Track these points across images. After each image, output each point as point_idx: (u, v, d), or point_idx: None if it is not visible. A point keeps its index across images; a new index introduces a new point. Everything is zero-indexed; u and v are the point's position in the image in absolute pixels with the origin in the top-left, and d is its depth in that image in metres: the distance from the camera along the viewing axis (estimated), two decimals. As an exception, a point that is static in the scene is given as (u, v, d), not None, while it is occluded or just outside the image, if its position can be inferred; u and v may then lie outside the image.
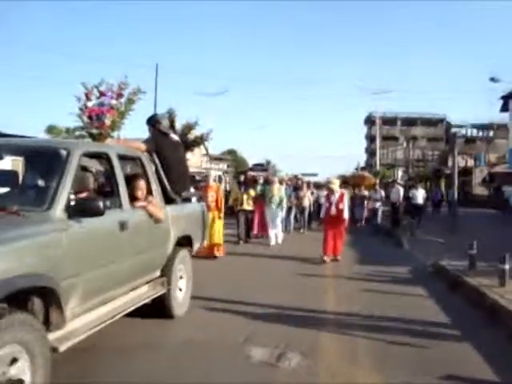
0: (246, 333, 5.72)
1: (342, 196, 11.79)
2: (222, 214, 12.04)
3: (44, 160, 4.57)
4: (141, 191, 5.48)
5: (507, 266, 7.62)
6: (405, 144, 55.93)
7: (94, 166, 5.16)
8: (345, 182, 28.43)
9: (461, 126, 59.99)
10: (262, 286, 8.50)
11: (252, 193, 15.06)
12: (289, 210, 18.65)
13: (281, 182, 16.65)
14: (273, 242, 14.51)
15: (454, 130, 64.18)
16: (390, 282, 9.13)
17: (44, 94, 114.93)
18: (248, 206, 14.62)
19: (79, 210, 4.05)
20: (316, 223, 18.64)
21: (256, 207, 15.29)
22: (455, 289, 8.47)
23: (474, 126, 57.50)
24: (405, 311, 6.89)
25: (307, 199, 18.69)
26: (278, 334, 5.73)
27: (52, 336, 3.80)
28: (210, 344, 5.38)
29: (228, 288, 8.17)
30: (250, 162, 44.18)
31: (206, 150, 11.09)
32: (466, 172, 44.72)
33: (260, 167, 30.18)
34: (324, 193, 13.93)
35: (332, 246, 11.49)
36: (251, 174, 22.12)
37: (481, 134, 62.74)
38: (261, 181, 16.85)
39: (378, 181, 26.30)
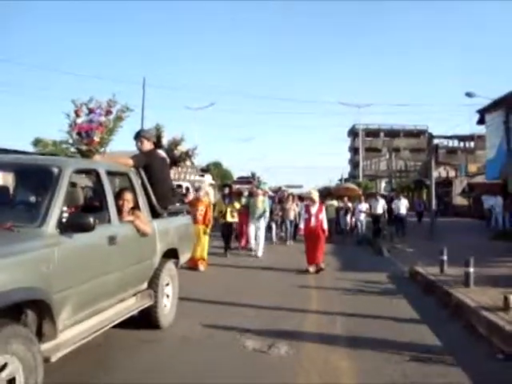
0: (239, 329, 6.45)
1: (320, 207, 12.12)
2: (209, 230, 12.21)
3: (36, 177, 4.74)
4: (128, 206, 5.65)
5: (471, 270, 8.42)
6: (387, 155, 56.54)
7: (84, 182, 5.32)
8: (329, 193, 28.66)
9: (442, 137, 60.94)
10: (249, 292, 9.02)
11: (236, 205, 15.26)
12: (275, 222, 18.94)
13: (264, 194, 16.85)
14: (260, 254, 14.66)
15: (435, 140, 65.44)
16: (369, 286, 9.83)
17: (29, 108, 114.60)
18: (232, 218, 14.79)
19: (70, 226, 4.21)
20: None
21: (241, 219, 15.49)
22: (427, 290, 9.35)
23: (454, 137, 58.28)
24: (380, 310, 7.76)
25: (292, 211, 18.86)
26: (268, 329, 6.51)
27: (44, 346, 3.95)
28: (208, 338, 6.16)
29: (217, 295, 8.60)
30: (235, 175, 44.47)
31: (192, 163, 11.21)
32: (446, 183, 45.40)
33: (245, 180, 30.37)
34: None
35: (314, 256, 11.74)
36: (236, 186, 22.30)
37: (462, 144, 63.60)
38: (245, 193, 17.07)
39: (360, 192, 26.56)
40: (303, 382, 4.87)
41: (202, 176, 28.26)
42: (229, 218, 14.62)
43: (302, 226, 12.40)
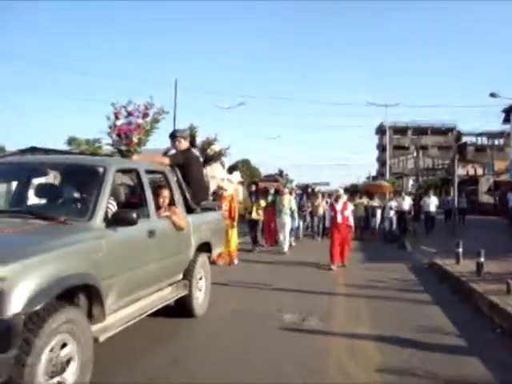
0: (277, 306, 7.59)
1: (345, 204, 12.46)
2: (236, 223, 12.63)
3: (83, 175, 5.22)
4: (165, 202, 6.08)
5: (482, 260, 9.41)
6: (415, 153, 56.19)
7: (126, 180, 5.76)
8: (357, 191, 28.78)
9: (471, 135, 60.39)
10: (279, 281, 9.87)
11: (262, 203, 15.61)
12: (303, 218, 19.23)
13: (291, 193, 17.16)
14: (286, 249, 14.99)
15: (464, 138, 64.74)
16: (391, 274, 10.81)
17: (64, 108, 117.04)
18: (257, 215, 15.19)
19: (116, 220, 4.66)
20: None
21: (267, 217, 15.82)
22: (440, 277, 10.55)
23: (484, 134, 57.74)
24: (400, 294, 8.84)
25: (322, 208, 19.06)
26: (301, 306, 7.66)
27: (93, 328, 4.39)
28: (251, 313, 7.30)
29: (250, 283, 9.51)
30: (263, 172, 44.85)
31: (223, 164, 11.56)
32: (473, 181, 45.10)
33: (271, 177, 30.71)
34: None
35: (339, 253, 12.08)
36: (262, 184, 22.65)
37: (491, 142, 62.86)
38: (272, 191, 17.43)
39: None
40: (332, 347, 5.82)
41: (231, 173, 28.62)
42: (254, 216, 15.05)
43: (327, 223, 12.77)
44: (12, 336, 3.25)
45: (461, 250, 11.09)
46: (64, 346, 3.82)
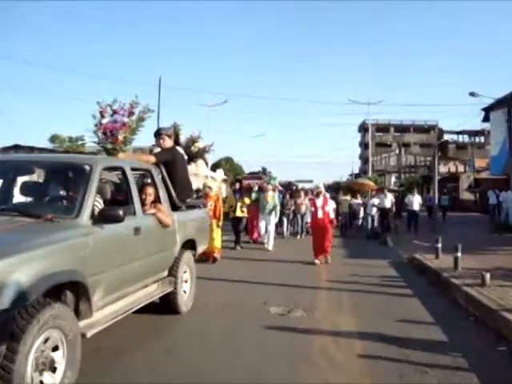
0: (263, 300, 7.88)
1: (326, 200, 12.62)
2: (221, 223, 12.68)
3: (70, 173, 5.25)
4: (150, 199, 6.13)
5: (459, 254, 9.75)
6: (397, 150, 56.70)
7: (112, 177, 5.81)
8: (340, 188, 28.99)
9: (452, 133, 61.00)
10: (264, 276, 10.18)
11: (247, 200, 15.65)
12: (287, 216, 19.36)
13: (274, 190, 17.25)
14: (270, 247, 15.06)
15: (446, 136, 65.39)
16: (372, 269, 11.32)
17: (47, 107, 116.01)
18: (241, 213, 15.21)
19: (103, 217, 4.71)
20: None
21: (250, 214, 15.84)
22: (420, 271, 11.05)
23: (465, 132, 58.41)
24: (380, 287, 9.23)
25: (304, 206, 19.12)
26: (286, 299, 7.98)
27: (81, 324, 4.44)
28: (239, 306, 7.58)
29: (236, 279, 9.76)
30: (246, 170, 44.88)
31: (206, 162, 11.54)
32: (454, 178, 45.69)
33: (255, 175, 30.81)
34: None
35: (321, 248, 12.24)
36: (246, 182, 22.70)
37: (472, 140, 63.63)
38: (255, 188, 17.51)
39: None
40: (315, 334, 6.20)
41: (214, 171, 28.68)
42: (238, 213, 15.08)
43: (309, 219, 12.92)
44: (1, 330, 3.30)
45: (440, 245, 11.52)
46: (52, 341, 3.87)
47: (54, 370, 3.87)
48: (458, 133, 63.86)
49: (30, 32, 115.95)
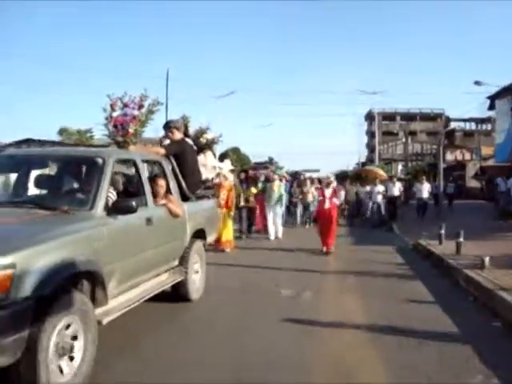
0: (275, 283, 8.51)
1: (334, 191, 12.79)
2: (232, 213, 12.82)
3: (83, 166, 5.43)
4: (162, 190, 6.28)
5: (461, 240, 10.39)
6: (404, 139, 56.61)
7: (123, 170, 5.96)
8: (346, 177, 29.08)
9: (459, 120, 60.83)
10: (275, 263, 10.64)
11: (253, 190, 15.80)
12: (294, 205, 19.50)
13: (281, 180, 17.37)
14: (272, 237, 15.22)
15: (452, 123, 65.24)
16: (378, 254, 11.91)
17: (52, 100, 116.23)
18: (249, 202, 15.36)
19: (116, 209, 4.87)
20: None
21: (257, 204, 15.98)
22: (424, 256, 11.63)
23: (472, 120, 58.16)
24: (385, 270, 9.72)
25: (311, 195, 19.25)
26: (296, 283, 8.60)
27: (96, 311, 4.60)
28: (255, 287, 8.20)
29: (248, 265, 10.31)
30: (253, 160, 44.88)
31: (214, 153, 11.50)
32: (460, 166, 45.66)
33: (261, 165, 30.86)
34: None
35: (327, 237, 12.36)
36: (252, 172, 22.81)
37: (479, 127, 63.30)
38: (262, 178, 17.63)
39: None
40: (323, 313, 6.67)
41: (222, 161, 28.76)
42: (245, 203, 15.17)
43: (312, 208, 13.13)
44: (24, 318, 3.47)
45: (443, 231, 11.99)
46: (70, 327, 4.04)
47: (71, 355, 4.04)
48: (465, 120, 63.59)
49: (30, 26, 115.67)
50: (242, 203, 15.11)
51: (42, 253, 3.73)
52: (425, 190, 20.78)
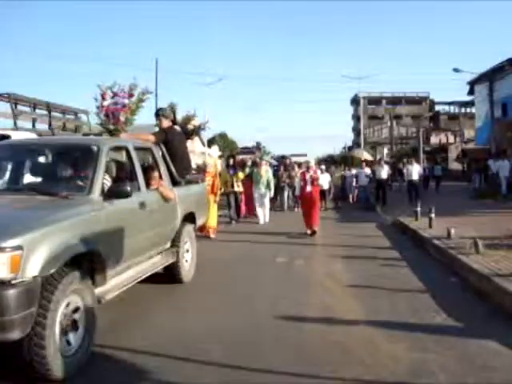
0: (272, 253, 9.96)
1: (315, 173, 13.13)
2: (217, 198, 13.08)
3: (80, 154, 5.68)
4: (153, 176, 6.54)
5: (433, 215, 11.77)
6: (389, 123, 57.03)
7: (117, 157, 6.20)
8: (334, 161, 29.47)
9: (444, 103, 61.36)
10: (267, 240, 11.86)
11: (241, 175, 16.03)
12: (282, 189, 19.77)
13: (267, 164, 17.57)
14: (261, 221, 15.53)
15: (437, 107, 65.78)
16: (361, 230, 13.48)
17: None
18: (237, 187, 15.60)
19: (112, 194, 5.14)
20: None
21: (244, 189, 16.18)
22: (401, 230, 13.16)
23: (456, 103, 58.67)
24: (367, 242, 11.30)
25: (297, 178, 19.45)
26: (290, 252, 10.13)
27: (96, 291, 4.88)
28: (252, 257, 9.71)
29: (240, 243, 11.60)
30: (241, 145, 45.17)
31: (201, 139, 11.79)
32: (443, 149, 46.31)
33: (248, 150, 31.12)
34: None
35: (311, 220, 12.66)
36: (240, 157, 22.99)
37: (463, 110, 63.81)
38: (249, 163, 17.84)
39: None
40: (313, 273, 8.31)
41: (209, 147, 29.04)
42: (235, 188, 15.46)
43: (297, 192, 13.48)
44: (33, 295, 3.74)
45: (419, 209, 13.38)
46: (73, 305, 4.32)
47: (76, 330, 4.33)
48: (449, 103, 64.15)
49: (24, 16, 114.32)
50: (230, 189, 15.42)
51: (46, 235, 4.00)
52: (415, 171, 20.52)
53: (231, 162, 16.49)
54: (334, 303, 6.40)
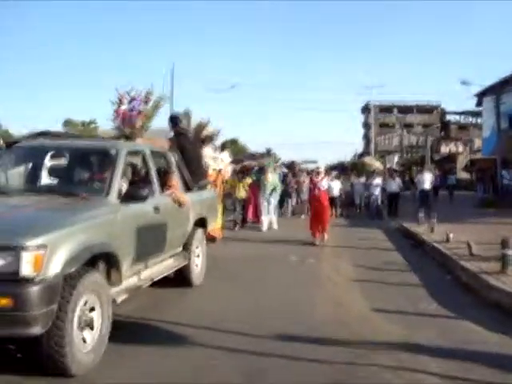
0: (284, 253, 10.95)
1: (323, 179, 13.12)
2: (220, 200, 13.10)
3: (99, 157, 5.88)
4: (168, 181, 6.71)
5: (434, 220, 12.95)
6: (400, 131, 57.01)
7: (134, 161, 6.38)
8: (345, 168, 29.49)
9: (454, 113, 61.15)
10: (276, 244, 12.50)
11: (248, 181, 16.09)
12: (290, 195, 19.81)
13: (274, 170, 17.64)
14: (265, 228, 15.35)
15: (448, 116, 65.57)
16: (367, 234, 14.65)
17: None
18: (244, 193, 15.71)
19: (129, 197, 5.31)
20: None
21: (251, 194, 16.20)
22: (405, 235, 14.25)
23: (466, 113, 58.46)
24: (372, 245, 12.38)
25: (306, 185, 19.51)
26: (301, 253, 11.02)
27: (111, 291, 5.05)
28: (269, 256, 10.67)
29: (250, 247, 12.05)
30: (251, 151, 45.23)
31: (214, 146, 11.88)
32: (452, 158, 46.41)
33: (256, 155, 31.12)
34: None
35: (318, 227, 12.60)
36: (247, 162, 22.97)
37: (474, 120, 63.60)
38: (255, 169, 17.92)
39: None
40: (323, 270, 9.32)
41: (220, 153, 29.14)
42: (242, 194, 15.54)
43: (306, 197, 13.61)
44: (55, 292, 3.92)
45: (422, 215, 14.96)
46: (89, 303, 4.48)
47: (92, 328, 4.49)
48: (461, 113, 63.86)
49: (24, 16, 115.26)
50: (236, 194, 15.49)
51: (67, 235, 4.18)
52: (427, 180, 19.84)
53: (239, 167, 16.54)
54: (340, 294, 7.57)
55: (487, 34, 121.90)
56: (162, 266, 6.58)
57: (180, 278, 7.36)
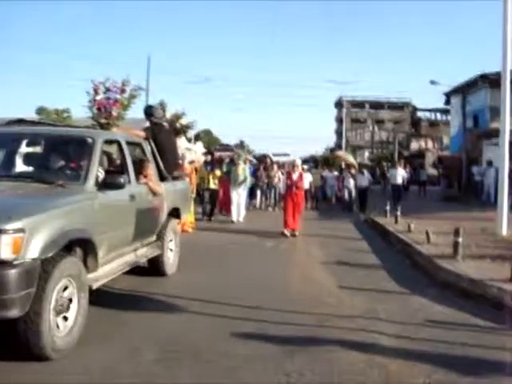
0: (256, 239, 11.96)
1: (301, 175, 13.25)
2: (194, 195, 13.17)
3: (75, 145, 5.92)
4: (143, 170, 6.78)
5: (398, 213, 14.02)
6: (371, 127, 57.72)
7: (109, 149, 6.45)
8: (316, 161, 29.84)
9: (425, 110, 62.26)
10: (248, 234, 12.88)
11: (218, 173, 16.05)
12: (261, 188, 19.94)
13: (245, 162, 17.70)
14: (234, 219, 15.50)
15: (418, 113, 66.68)
16: (337, 224, 15.73)
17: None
18: (213, 185, 15.69)
19: (106, 184, 5.39)
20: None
21: (221, 186, 16.19)
22: (372, 226, 15.23)
23: (436, 110, 59.52)
24: (341, 233, 13.37)
25: (277, 178, 19.69)
26: (274, 239, 12.00)
27: (88, 277, 5.11)
28: (244, 242, 11.53)
29: (222, 237, 12.51)
30: (224, 142, 45.29)
31: (187, 137, 11.90)
32: (421, 154, 47.33)
33: (227, 147, 31.15)
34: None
35: (291, 221, 12.76)
36: (217, 154, 22.88)
37: (444, 117, 64.79)
38: (227, 160, 17.95)
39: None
40: (295, 254, 10.78)
41: (195, 144, 29.20)
42: (211, 185, 15.54)
43: (282, 191, 13.75)
44: (33, 275, 3.99)
45: (388, 207, 15.77)
46: (66, 289, 4.56)
47: (68, 312, 4.56)
48: (430, 110, 65.02)
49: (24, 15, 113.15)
50: (206, 185, 15.51)
51: (46, 220, 4.24)
52: (399, 175, 20.57)
53: (209, 158, 16.54)
54: (311, 274, 8.39)
55: (463, 33, 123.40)
56: (137, 254, 6.65)
57: (153, 267, 7.44)
